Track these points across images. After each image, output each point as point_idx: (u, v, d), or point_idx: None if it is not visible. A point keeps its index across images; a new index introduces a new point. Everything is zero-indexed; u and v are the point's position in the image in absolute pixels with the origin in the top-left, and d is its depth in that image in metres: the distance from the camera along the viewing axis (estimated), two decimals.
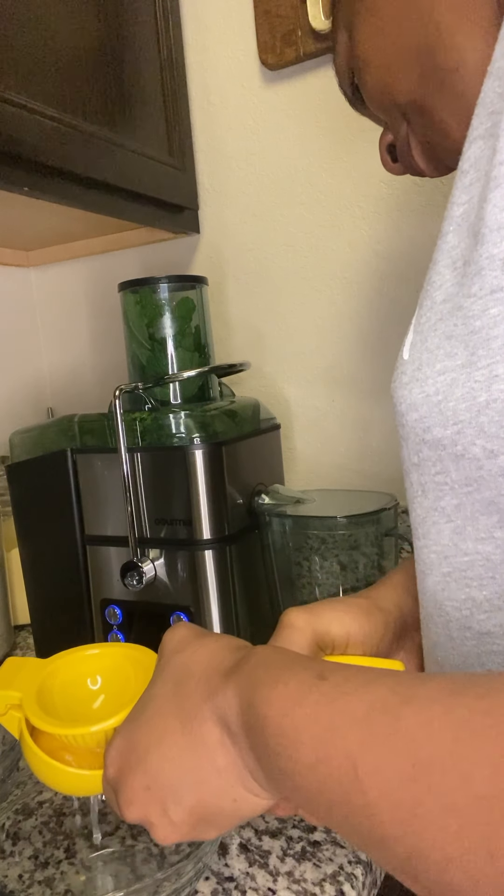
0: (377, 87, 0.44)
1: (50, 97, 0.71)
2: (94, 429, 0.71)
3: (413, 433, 0.34)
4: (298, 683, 0.30)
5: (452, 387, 0.31)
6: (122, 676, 0.44)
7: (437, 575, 0.36)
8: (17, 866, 0.44)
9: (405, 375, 0.34)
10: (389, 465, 0.93)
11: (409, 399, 0.34)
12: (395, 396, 0.35)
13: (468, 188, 0.32)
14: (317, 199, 0.92)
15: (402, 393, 0.34)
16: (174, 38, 0.92)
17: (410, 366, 0.34)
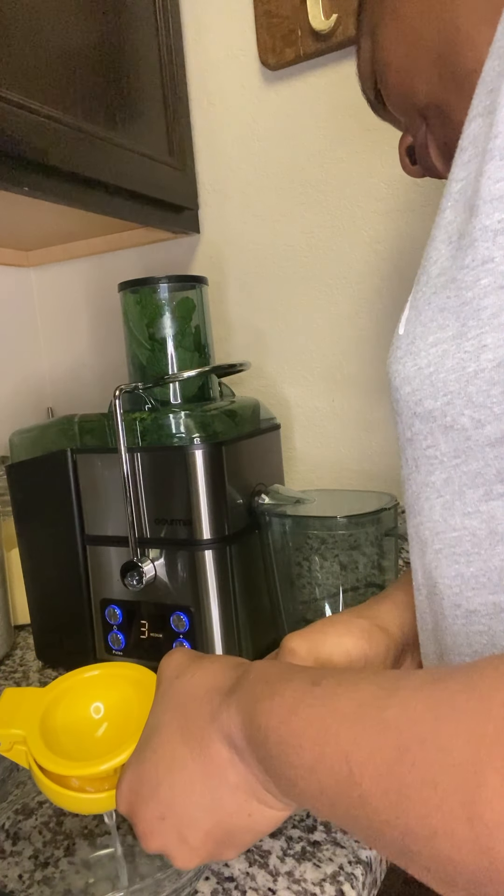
0: (398, 89, 0.45)
1: (50, 97, 0.71)
2: (94, 429, 0.71)
3: (406, 407, 0.34)
4: (293, 692, 0.31)
5: (443, 358, 0.31)
6: (123, 700, 0.44)
7: (431, 552, 0.36)
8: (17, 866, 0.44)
9: (399, 350, 0.35)
10: (389, 465, 0.93)
11: (402, 373, 0.34)
12: (390, 371, 0.36)
13: (466, 164, 0.33)
14: (317, 199, 0.92)
15: (396, 367, 0.35)
16: (174, 38, 0.92)
17: (405, 340, 0.35)
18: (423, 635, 0.40)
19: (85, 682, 0.45)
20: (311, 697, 0.30)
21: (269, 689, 0.32)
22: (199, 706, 0.35)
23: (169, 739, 0.35)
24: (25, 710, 0.42)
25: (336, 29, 0.82)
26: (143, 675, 0.44)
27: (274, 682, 0.33)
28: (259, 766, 0.32)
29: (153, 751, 0.36)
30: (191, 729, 0.35)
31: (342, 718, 0.28)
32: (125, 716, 0.43)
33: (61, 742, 0.41)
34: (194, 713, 0.35)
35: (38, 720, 0.41)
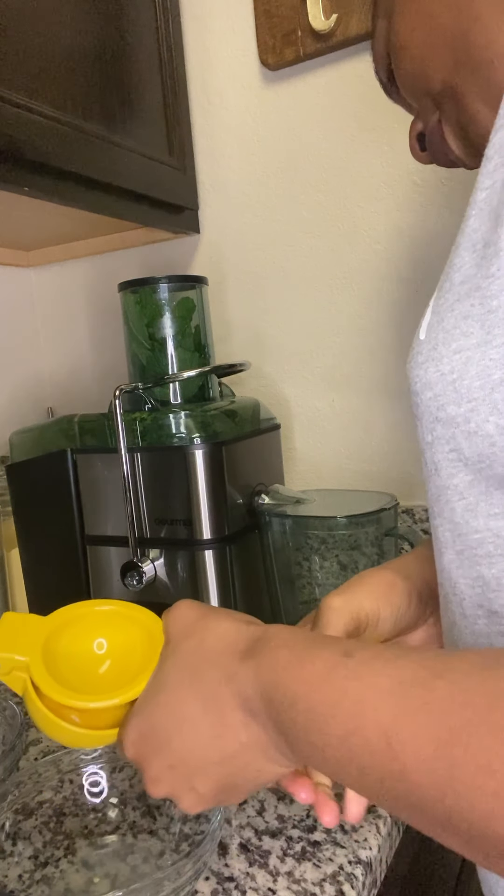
0: (412, 73, 0.45)
1: (50, 97, 0.71)
2: (94, 429, 0.71)
3: (427, 412, 0.35)
4: (325, 661, 0.32)
5: (467, 365, 0.32)
6: (128, 642, 0.43)
7: (452, 553, 0.36)
8: (17, 866, 0.44)
9: (420, 355, 0.35)
10: (389, 465, 0.93)
11: (424, 378, 0.34)
12: (411, 376, 0.36)
13: (492, 174, 0.33)
14: (317, 199, 0.92)
15: (418, 372, 0.35)
16: (174, 38, 0.92)
17: (426, 346, 0.35)
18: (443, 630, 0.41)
19: (93, 616, 0.45)
20: (343, 668, 0.31)
21: (296, 657, 0.33)
22: (212, 667, 0.36)
23: (182, 697, 0.36)
24: (27, 636, 0.41)
25: (336, 29, 0.82)
26: (151, 622, 0.43)
27: (300, 650, 0.33)
28: (275, 729, 0.33)
29: (165, 705, 0.37)
30: (204, 689, 0.36)
31: (381, 693, 0.28)
32: (128, 657, 0.42)
33: (62, 672, 0.40)
34: (207, 674, 0.36)
35: (41, 647, 0.41)
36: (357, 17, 0.81)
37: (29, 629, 0.42)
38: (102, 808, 0.49)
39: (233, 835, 0.47)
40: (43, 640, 0.41)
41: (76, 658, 0.42)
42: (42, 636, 0.41)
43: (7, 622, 0.42)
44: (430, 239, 0.85)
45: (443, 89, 0.43)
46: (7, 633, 0.41)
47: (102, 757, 0.50)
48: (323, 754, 0.31)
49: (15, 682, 0.41)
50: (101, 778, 0.50)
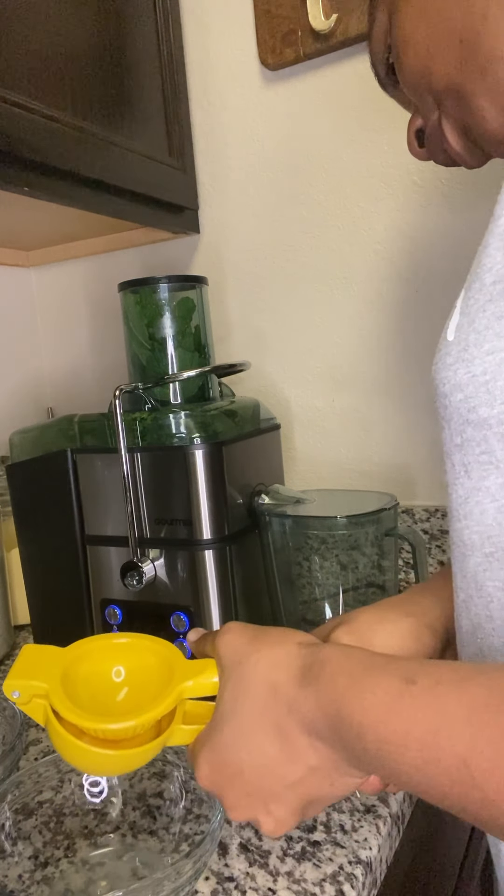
0: (415, 70, 0.44)
1: (50, 97, 0.71)
2: (94, 429, 0.71)
3: (457, 414, 0.34)
4: (386, 690, 0.32)
5: (501, 366, 0.31)
6: (145, 669, 0.44)
7: (479, 556, 0.36)
8: (17, 866, 0.44)
9: (449, 357, 0.35)
10: (389, 465, 0.93)
11: (453, 380, 0.34)
12: (438, 378, 0.36)
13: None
14: (317, 199, 0.92)
15: (446, 374, 0.35)
16: (174, 38, 0.92)
17: (455, 347, 0.34)
18: (459, 635, 0.41)
19: (110, 647, 0.45)
20: (409, 697, 0.31)
21: (356, 686, 0.33)
22: (271, 696, 0.36)
23: (246, 728, 0.37)
24: (46, 666, 0.42)
25: (336, 29, 0.82)
26: (166, 650, 0.44)
27: (360, 677, 0.33)
28: (346, 752, 0.34)
29: (230, 737, 0.37)
30: (266, 718, 0.36)
31: (455, 723, 0.29)
32: (145, 684, 0.43)
33: (81, 699, 0.41)
34: (267, 703, 0.36)
35: (60, 675, 0.41)
36: (357, 17, 0.81)
37: (46, 659, 0.42)
38: (102, 808, 0.49)
39: (233, 835, 0.47)
40: (62, 669, 0.42)
41: (94, 685, 0.43)
42: (61, 665, 0.42)
43: (26, 654, 0.43)
44: (430, 239, 0.85)
45: (446, 87, 0.42)
46: (26, 664, 0.42)
47: None
48: (399, 779, 0.31)
49: (36, 710, 0.41)
50: (101, 778, 0.50)
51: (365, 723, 0.32)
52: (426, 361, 0.89)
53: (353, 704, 0.32)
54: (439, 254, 0.85)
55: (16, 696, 0.40)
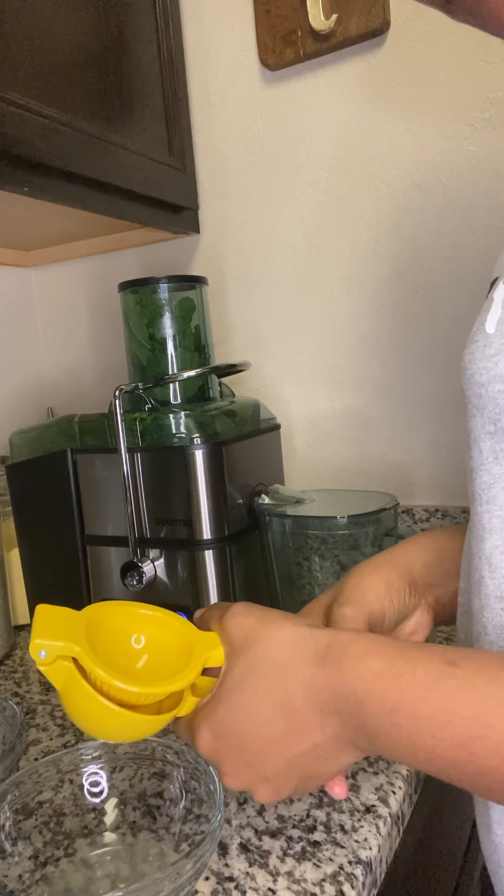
0: None
1: (50, 97, 0.71)
2: (94, 429, 0.71)
3: (493, 403, 0.36)
4: (427, 671, 0.33)
5: None
6: (164, 640, 0.44)
7: (498, 539, 0.38)
8: (17, 866, 0.44)
9: (489, 348, 0.36)
10: (389, 465, 0.93)
11: (493, 371, 0.36)
12: (474, 367, 0.37)
13: None
14: (317, 199, 0.92)
15: (485, 364, 0.36)
16: (174, 38, 0.92)
17: (498, 339, 0.36)
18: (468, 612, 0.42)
19: (130, 614, 0.45)
20: (452, 679, 0.32)
21: (391, 666, 0.34)
22: (283, 673, 0.38)
23: (255, 702, 0.38)
24: (67, 627, 0.41)
25: (336, 29, 0.82)
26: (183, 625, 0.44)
27: (393, 659, 0.35)
28: (358, 729, 0.35)
29: (238, 710, 0.39)
30: (277, 694, 0.38)
31: None
32: (164, 653, 0.43)
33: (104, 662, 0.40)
34: (278, 680, 0.38)
35: (83, 637, 0.40)
36: (357, 17, 0.81)
37: (65, 621, 0.41)
38: (102, 808, 0.49)
39: (233, 835, 0.47)
40: (83, 631, 0.41)
41: (114, 650, 0.43)
42: (82, 627, 0.41)
43: (43, 614, 0.41)
44: (430, 239, 0.85)
45: None
46: (47, 624, 0.40)
47: (102, 757, 0.50)
48: (430, 754, 0.33)
49: (57, 671, 0.40)
50: (101, 778, 0.50)
51: (402, 700, 0.33)
52: (426, 361, 0.89)
53: (388, 683, 0.34)
54: (439, 254, 0.85)
55: (42, 657, 0.39)
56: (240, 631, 0.41)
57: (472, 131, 0.81)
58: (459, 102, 0.81)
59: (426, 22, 0.81)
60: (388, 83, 0.84)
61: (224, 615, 0.43)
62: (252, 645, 0.40)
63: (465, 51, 0.79)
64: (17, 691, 0.71)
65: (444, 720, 0.32)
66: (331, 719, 0.36)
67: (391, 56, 0.83)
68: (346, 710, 0.35)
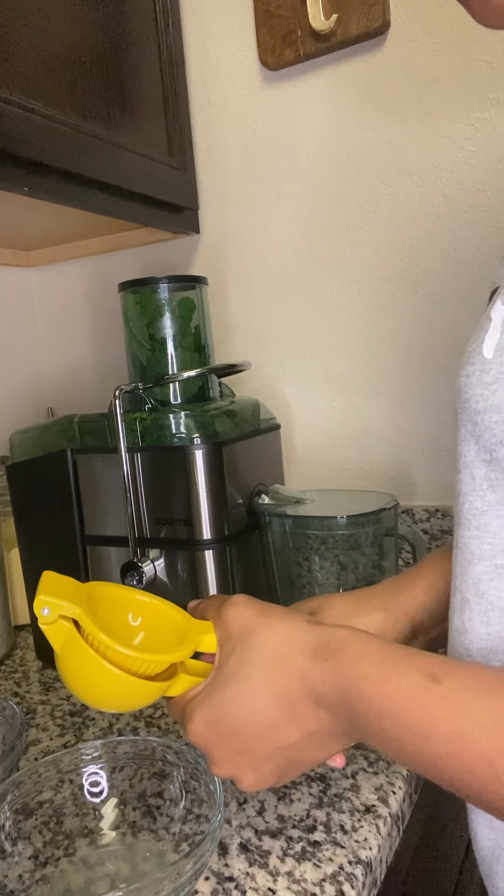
0: None
1: (50, 97, 0.71)
2: (94, 429, 0.71)
3: (489, 433, 0.34)
4: (411, 683, 0.33)
5: None
6: (159, 622, 0.45)
7: (488, 566, 0.37)
8: (17, 866, 0.44)
9: (487, 374, 0.34)
10: (389, 465, 0.93)
11: (490, 400, 0.34)
12: (470, 392, 0.35)
13: None
14: (316, 199, 0.92)
15: (482, 391, 0.34)
16: (174, 38, 0.92)
17: (495, 365, 0.34)
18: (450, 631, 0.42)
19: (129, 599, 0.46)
20: (434, 696, 0.32)
21: (379, 673, 0.35)
22: (281, 664, 0.38)
23: (251, 691, 0.39)
24: (70, 592, 0.42)
25: (336, 29, 0.82)
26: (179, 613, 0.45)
27: (381, 665, 0.35)
28: (350, 723, 0.36)
29: (233, 698, 0.39)
30: (273, 684, 0.38)
31: (484, 730, 0.30)
32: (160, 633, 0.44)
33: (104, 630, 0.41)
34: (276, 671, 0.38)
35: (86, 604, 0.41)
36: (357, 17, 0.81)
37: (69, 587, 0.42)
38: (102, 808, 0.49)
39: (233, 835, 0.47)
40: (84, 599, 0.42)
41: (113, 622, 0.44)
42: (83, 595, 0.42)
43: (48, 578, 0.43)
44: (430, 239, 0.85)
45: None
46: (51, 587, 0.42)
47: (102, 757, 0.50)
48: (412, 759, 0.33)
49: (58, 631, 0.41)
50: (101, 778, 0.50)
51: (386, 708, 0.34)
52: (426, 361, 0.89)
53: (375, 688, 0.34)
54: (439, 254, 0.85)
55: (45, 614, 0.40)
56: (239, 620, 0.41)
57: (472, 131, 0.81)
58: (459, 102, 0.81)
59: (426, 22, 0.81)
60: (388, 83, 0.84)
61: (224, 604, 0.43)
62: (251, 634, 0.40)
63: (465, 51, 0.79)
64: (17, 691, 0.71)
65: (424, 734, 0.32)
66: (325, 711, 0.37)
67: (391, 56, 0.83)
68: (340, 706, 0.36)
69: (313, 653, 0.38)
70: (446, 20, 0.80)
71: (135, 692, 0.41)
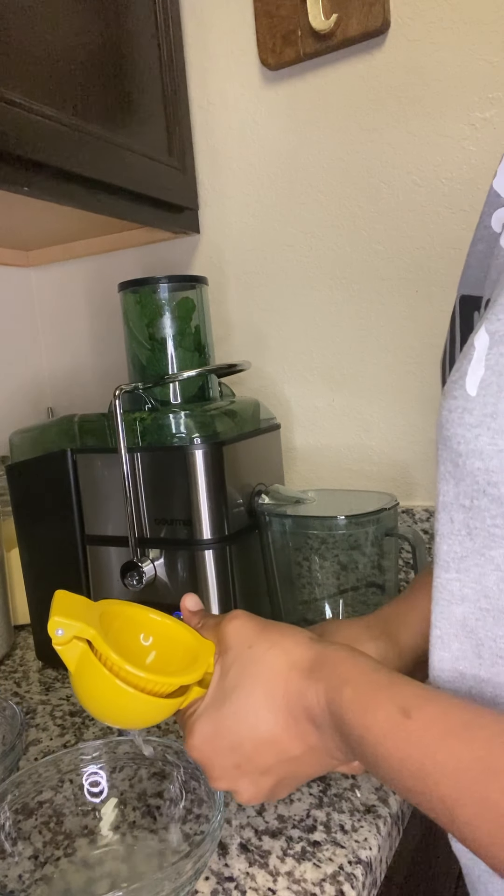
0: None
1: (50, 97, 0.71)
2: (94, 429, 0.71)
3: (471, 478, 0.32)
4: (386, 717, 0.33)
5: None
6: (171, 645, 0.45)
7: (472, 608, 0.36)
8: (17, 866, 0.44)
9: (470, 415, 0.31)
10: (389, 465, 0.93)
11: (473, 444, 0.31)
12: (451, 430, 0.32)
13: None
14: (317, 199, 0.92)
15: (464, 433, 0.31)
16: (174, 38, 0.92)
17: (479, 406, 0.30)
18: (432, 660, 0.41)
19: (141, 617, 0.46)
20: (403, 731, 0.32)
21: (360, 701, 0.35)
22: (281, 681, 0.39)
23: (252, 706, 0.39)
24: (83, 612, 0.42)
25: (336, 29, 0.82)
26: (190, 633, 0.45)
27: (363, 692, 0.35)
28: (342, 743, 0.36)
29: (234, 713, 0.39)
30: (275, 700, 0.38)
31: (445, 773, 0.30)
32: (171, 653, 0.45)
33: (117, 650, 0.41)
34: (277, 687, 0.39)
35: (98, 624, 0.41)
36: (357, 17, 0.81)
37: (82, 607, 0.43)
38: (102, 808, 0.49)
39: (233, 835, 0.47)
40: (97, 619, 0.42)
41: (125, 642, 0.44)
42: (95, 615, 0.42)
43: (61, 598, 0.43)
44: (430, 239, 0.85)
45: None
46: (64, 607, 0.42)
47: (102, 757, 0.50)
48: (390, 784, 0.34)
49: (71, 651, 0.41)
50: (101, 778, 0.50)
51: (366, 737, 0.34)
52: (426, 361, 0.89)
53: (356, 716, 0.35)
54: (439, 254, 0.85)
55: (59, 635, 0.40)
56: (239, 633, 0.42)
57: (472, 131, 0.81)
58: (459, 102, 0.81)
59: (426, 22, 0.81)
60: (388, 83, 0.84)
61: (222, 620, 0.43)
62: (251, 647, 0.40)
63: (465, 51, 0.79)
64: (17, 691, 0.71)
65: (396, 767, 0.33)
66: (321, 729, 0.37)
67: (391, 56, 0.83)
68: (330, 726, 0.37)
69: (308, 672, 0.38)
70: (446, 20, 0.80)
71: (149, 710, 0.41)
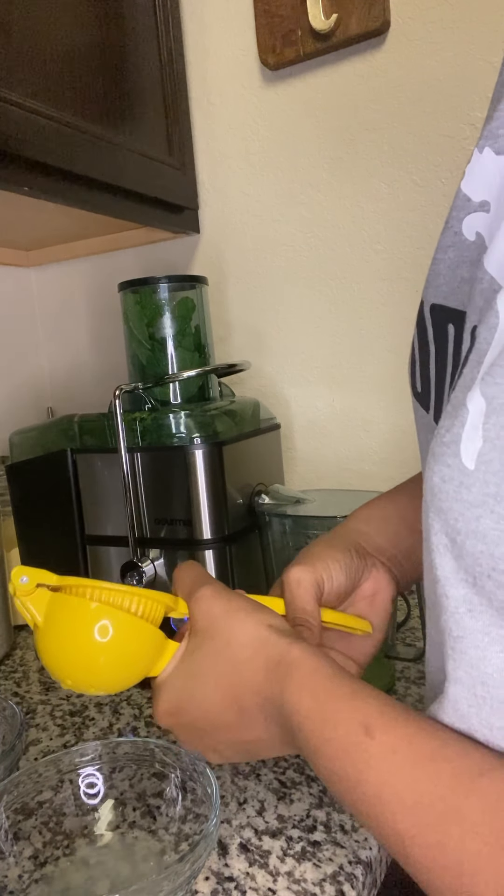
0: None
1: (50, 97, 0.71)
2: (94, 429, 0.71)
3: (472, 559, 0.29)
4: (345, 733, 0.33)
5: None
6: None
7: (466, 693, 0.32)
8: (16, 866, 0.44)
9: (469, 492, 0.28)
10: (389, 465, 0.93)
11: (474, 526, 0.28)
12: (447, 503, 0.29)
13: None
14: (317, 199, 0.92)
15: (462, 511, 0.28)
16: (174, 38, 0.92)
17: (478, 482, 0.27)
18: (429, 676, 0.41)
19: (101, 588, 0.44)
20: (363, 752, 0.32)
21: (319, 712, 0.34)
22: (236, 675, 0.39)
23: (208, 692, 0.40)
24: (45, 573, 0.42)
25: (336, 29, 0.82)
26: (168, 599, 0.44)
27: (323, 702, 0.34)
28: (295, 748, 0.37)
29: (191, 696, 0.41)
30: (230, 691, 0.39)
31: (401, 804, 0.30)
32: None
33: None
34: (232, 680, 0.39)
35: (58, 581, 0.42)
36: (357, 17, 0.81)
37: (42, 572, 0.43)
38: (102, 809, 0.49)
39: (233, 835, 0.47)
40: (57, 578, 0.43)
41: None
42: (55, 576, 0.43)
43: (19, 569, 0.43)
44: (430, 239, 0.85)
45: None
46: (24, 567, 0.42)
47: (102, 757, 0.50)
48: (340, 799, 0.33)
49: (38, 600, 0.41)
50: (101, 778, 0.50)
51: (322, 750, 0.33)
52: None
53: (314, 730, 0.34)
54: None
55: (23, 582, 0.41)
56: (204, 618, 0.41)
57: (472, 131, 0.81)
58: (459, 102, 0.81)
59: (426, 22, 0.81)
60: (388, 83, 0.84)
61: (192, 597, 0.43)
62: (213, 636, 0.41)
63: (465, 50, 0.79)
64: (17, 691, 0.71)
65: (352, 787, 0.32)
66: (274, 726, 0.37)
67: (391, 56, 0.83)
68: (285, 728, 0.37)
69: (265, 671, 0.38)
70: (446, 20, 0.80)
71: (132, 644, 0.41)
